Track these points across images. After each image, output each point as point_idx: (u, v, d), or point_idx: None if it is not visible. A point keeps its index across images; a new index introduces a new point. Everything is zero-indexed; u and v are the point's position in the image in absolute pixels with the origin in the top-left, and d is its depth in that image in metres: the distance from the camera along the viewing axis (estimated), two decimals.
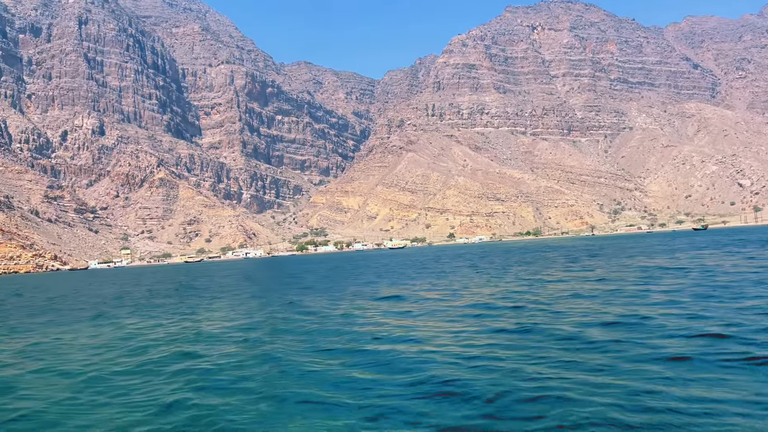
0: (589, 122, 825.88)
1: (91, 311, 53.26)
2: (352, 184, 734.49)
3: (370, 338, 27.70)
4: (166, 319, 41.65)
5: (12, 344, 34.47)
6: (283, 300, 51.41)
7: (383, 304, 42.59)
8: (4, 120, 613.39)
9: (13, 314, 56.27)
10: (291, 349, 26.11)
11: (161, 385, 20.64)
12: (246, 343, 28.59)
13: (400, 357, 22.68)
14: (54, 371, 24.50)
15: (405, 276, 76.80)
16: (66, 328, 40.63)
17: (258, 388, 19.22)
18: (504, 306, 36.93)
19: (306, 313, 39.95)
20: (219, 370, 22.59)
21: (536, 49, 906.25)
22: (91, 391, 20.59)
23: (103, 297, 74.47)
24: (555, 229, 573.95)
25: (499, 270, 75.60)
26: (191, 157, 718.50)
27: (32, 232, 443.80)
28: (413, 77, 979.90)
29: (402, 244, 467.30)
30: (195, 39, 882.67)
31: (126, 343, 31.35)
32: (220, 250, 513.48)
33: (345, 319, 35.35)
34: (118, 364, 25.18)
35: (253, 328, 34.17)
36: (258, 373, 21.47)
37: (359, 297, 49.54)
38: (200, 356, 25.76)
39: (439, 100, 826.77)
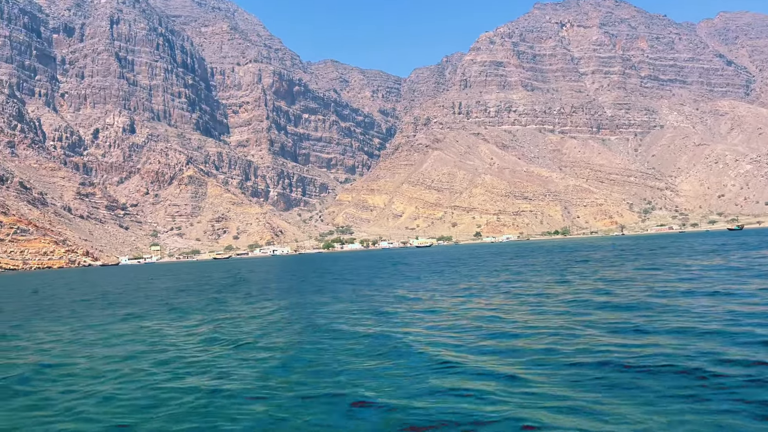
0: (619, 120, 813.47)
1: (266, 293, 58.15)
2: (378, 182, 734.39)
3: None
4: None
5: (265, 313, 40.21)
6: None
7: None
8: (39, 118, 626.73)
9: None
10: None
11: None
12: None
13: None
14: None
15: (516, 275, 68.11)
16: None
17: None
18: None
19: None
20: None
21: (565, 47, 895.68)
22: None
23: (225, 284, 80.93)
24: (583, 228, 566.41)
25: (591, 273, 63.58)
26: (219, 155, 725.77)
27: (65, 228, 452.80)
28: (440, 75, 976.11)
29: (429, 243, 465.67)
30: (223, 38, 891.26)
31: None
32: (248, 247, 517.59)
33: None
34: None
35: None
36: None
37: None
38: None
39: (466, 98, 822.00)
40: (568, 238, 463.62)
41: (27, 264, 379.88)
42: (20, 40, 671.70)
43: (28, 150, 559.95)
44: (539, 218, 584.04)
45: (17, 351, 29.46)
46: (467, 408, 15.47)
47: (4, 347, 31.18)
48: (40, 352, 28.48)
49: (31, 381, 21.87)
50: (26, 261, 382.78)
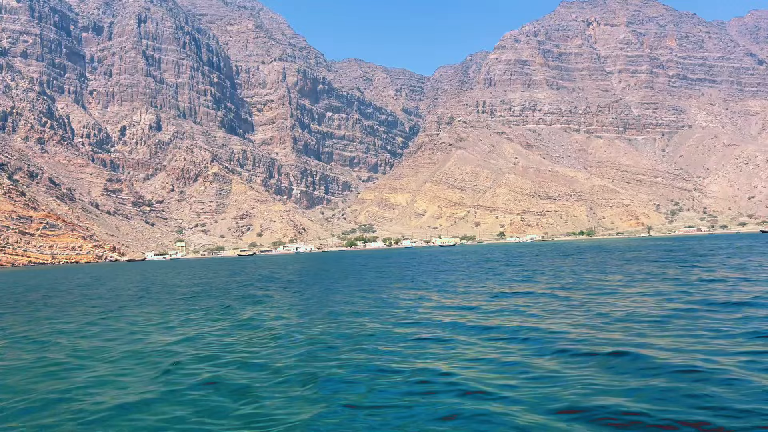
0: (646, 120, 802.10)
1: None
2: (401, 180, 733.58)
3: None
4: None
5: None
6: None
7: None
8: (68, 115, 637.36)
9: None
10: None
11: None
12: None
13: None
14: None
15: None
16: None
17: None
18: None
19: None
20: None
21: (591, 45, 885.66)
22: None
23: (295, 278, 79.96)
24: (609, 229, 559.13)
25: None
26: (244, 152, 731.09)
27: (92, 223, 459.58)
28: (464, 73, 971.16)
29: (452, 242, 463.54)
30: (249, 36, 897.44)
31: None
32: (272, 244, 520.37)
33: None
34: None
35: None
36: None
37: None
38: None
39: (490, 97, 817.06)
40: (594, 239, 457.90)
41: (56, 258, 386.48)
42: (50, 38, 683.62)
43: (57, 146, 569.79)
44: (564, 218, 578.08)
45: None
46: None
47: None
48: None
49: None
50: (55, 255, 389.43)
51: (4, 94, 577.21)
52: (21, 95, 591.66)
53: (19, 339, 31.14)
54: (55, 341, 29.42)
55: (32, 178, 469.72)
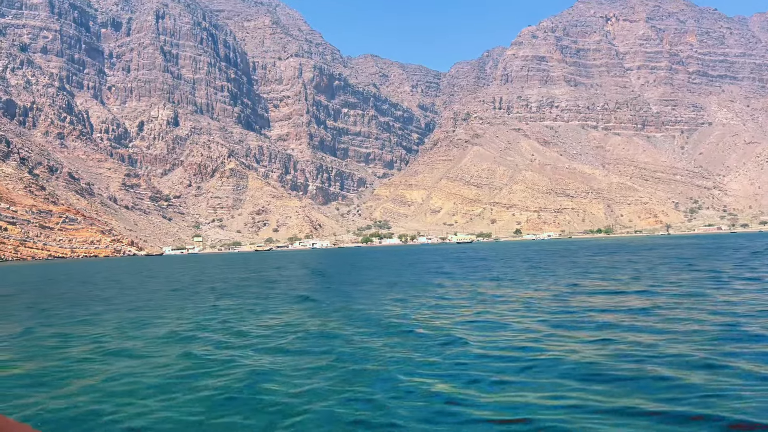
0: (665, 117, 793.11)
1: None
2: (416, 177, 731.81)
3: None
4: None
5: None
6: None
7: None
8: (87, 110, 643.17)
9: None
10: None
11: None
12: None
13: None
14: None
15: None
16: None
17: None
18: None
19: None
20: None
21: (610, 41, 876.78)
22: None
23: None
24: (627, 227, 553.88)
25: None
26: (260, 148, 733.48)
27: (111, 218, 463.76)
28: (480, 70, 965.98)
29: (469, 239, 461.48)
30: (266, 32, 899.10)
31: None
32: (288, 239, 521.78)
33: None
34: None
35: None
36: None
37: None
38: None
39: (507, 93, 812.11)
40: (612, 237, 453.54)
41: (75, 252, 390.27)
42: (70, 34, 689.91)
43: (76, 141, 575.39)
44: (581, 216, 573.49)
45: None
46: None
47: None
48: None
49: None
50: (74, 249, 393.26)
51: (24, 89, 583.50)
52: (41, 90, 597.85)
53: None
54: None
55: (52, 173, 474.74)
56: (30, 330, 33.39)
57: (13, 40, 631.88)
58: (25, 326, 34.88)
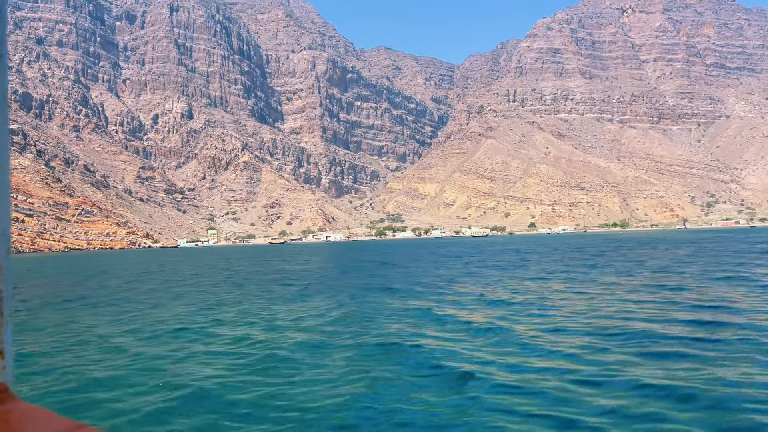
0: (682, 110, 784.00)
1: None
2: (429, 170, 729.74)
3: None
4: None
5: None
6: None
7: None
8: (102, 103, 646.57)
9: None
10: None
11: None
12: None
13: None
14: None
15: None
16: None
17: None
18: None
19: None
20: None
21: (625, 33, 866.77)
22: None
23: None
24: (643, 221, 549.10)
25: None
26: (273, 141, 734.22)
27: (126, 210, 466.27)
28: (494, 62, 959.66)
29: (485, 233, 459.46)
30: (279, 25, 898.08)
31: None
32: (301, 232, 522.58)
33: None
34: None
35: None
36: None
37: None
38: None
39: (521, 86, 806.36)
40: (628, 230, 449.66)
41: (90, 244, 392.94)
42: (85, 27, 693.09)
43: (92, 134, 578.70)
44: (596, 210, 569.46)
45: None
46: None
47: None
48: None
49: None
50: (90, 241, 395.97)
51: (41, 82, 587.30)
52: (57, 83, 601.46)
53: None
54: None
55: (68, 165, 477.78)
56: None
57: (29, 34, 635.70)
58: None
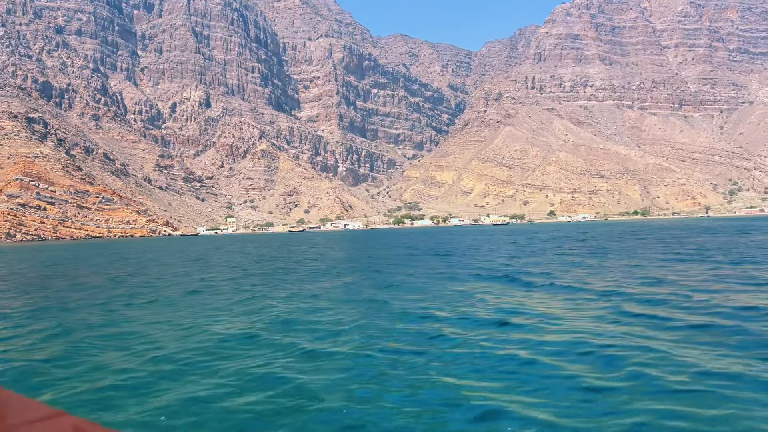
0: (704, 96, 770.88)
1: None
2: (447, 158, 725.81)
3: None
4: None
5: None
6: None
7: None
8: (120, 92, 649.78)
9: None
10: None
11: None
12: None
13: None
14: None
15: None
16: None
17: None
18: None
19: None
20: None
21: (646, 18, 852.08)
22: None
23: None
24: (664, 209, 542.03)
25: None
26: (290, 129, 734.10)
27: (145, 198, 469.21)
28: (512, 48, 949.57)
29: (506, 221, 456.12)
30: (295, 13, 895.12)
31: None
32: (319, 221, 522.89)
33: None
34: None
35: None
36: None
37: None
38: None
39: (540, 72, 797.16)
40: (648, 219, 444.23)
41: (111, 232, 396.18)
42: (103, 16, 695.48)
43: (111, 123, 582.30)
44: (616, 198, 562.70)
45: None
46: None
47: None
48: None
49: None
50: (111, 229, 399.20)
51: (60, 71, 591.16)
52: (76, 72, 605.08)
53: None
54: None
55: (88, 154, 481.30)
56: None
57: (48, 23, 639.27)
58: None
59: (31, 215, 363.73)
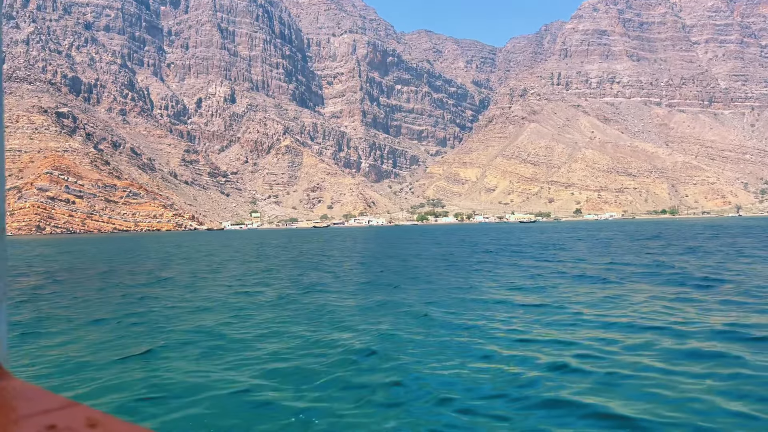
0: (734, 93, 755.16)
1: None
2: (470, 155, 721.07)
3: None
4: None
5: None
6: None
7: None
8: (147, 87, 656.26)
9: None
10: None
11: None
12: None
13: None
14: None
15: None
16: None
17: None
18: None
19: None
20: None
21: (676, 14, 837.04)
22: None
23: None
24: (693, 208, 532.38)
25: None
26: (314, 125, 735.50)
27: (171, 192, 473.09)
28: (538, 44, 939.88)
29: (533, 219, 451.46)
30: (320, 9, 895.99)
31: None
32: (343, 216, 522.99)
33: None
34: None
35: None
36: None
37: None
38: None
39: (566, 69, 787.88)
40: (677, 218, 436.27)
41: (138, 226, 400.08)
42: (131, 12, 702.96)
43: (138, 118, 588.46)
44: (643, 196, 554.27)
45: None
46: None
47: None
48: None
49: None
50: (137, 223, 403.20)
51: (89, 66, 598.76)
52: (104, 68, 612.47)
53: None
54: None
55: (115, 148, 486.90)
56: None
57: (77, 19, 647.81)
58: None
59: (60, 208, 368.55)
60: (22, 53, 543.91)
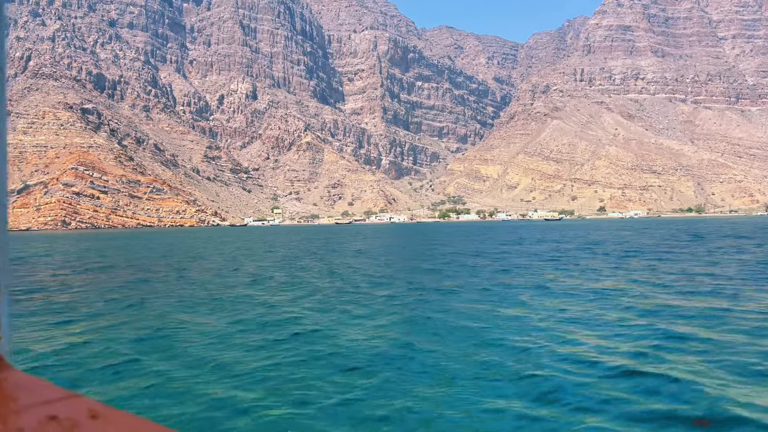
0: (762, 89, 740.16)
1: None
2: (492, 152, 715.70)
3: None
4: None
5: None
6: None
7: None
8: (170, 84, 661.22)
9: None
10: None
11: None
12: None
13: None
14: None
15: None
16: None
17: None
18: None
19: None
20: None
21: (702, 9, 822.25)
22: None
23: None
24: (719, 206, 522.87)
25: None
26: (335, 122, 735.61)
27: (194, 188, 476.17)
28: (560, 40, 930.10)
29: (558, 217, 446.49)
30: (341, 5, 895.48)
31: None
32: (364, 213, 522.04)
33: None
34: None
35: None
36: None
37: None
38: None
39: (589, 65, 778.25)
40: (704, 216, 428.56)
41: (161, 221, 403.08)
42: (154, 9, 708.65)
43: (161, 114, 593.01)
44: (668, 194, 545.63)
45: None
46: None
47: None
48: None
49: None
50: (161, 219, 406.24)
51: (113, 63, 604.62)
52: (128, 65, 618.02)
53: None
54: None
55: (139, 144, 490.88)
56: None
57: (102, 16, 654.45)
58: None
59: (85, 203, 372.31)
60: (48, 50, 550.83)
